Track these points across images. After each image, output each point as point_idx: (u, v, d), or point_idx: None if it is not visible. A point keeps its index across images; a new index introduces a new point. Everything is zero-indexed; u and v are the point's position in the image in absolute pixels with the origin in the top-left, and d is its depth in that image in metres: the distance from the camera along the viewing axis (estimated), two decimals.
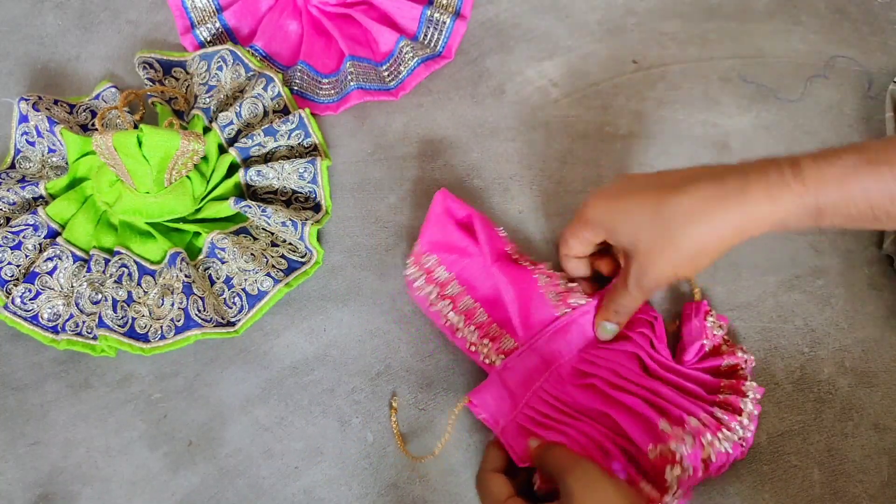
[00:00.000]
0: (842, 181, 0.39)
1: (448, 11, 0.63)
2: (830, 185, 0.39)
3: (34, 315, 0.52)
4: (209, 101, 0.58)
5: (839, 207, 0.39)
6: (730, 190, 0.40)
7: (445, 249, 0.52)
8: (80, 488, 0.49)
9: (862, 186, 0.38)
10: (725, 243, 0.41)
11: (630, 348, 0.49)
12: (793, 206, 0.39)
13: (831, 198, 0.39)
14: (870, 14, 0.66)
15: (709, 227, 0.41)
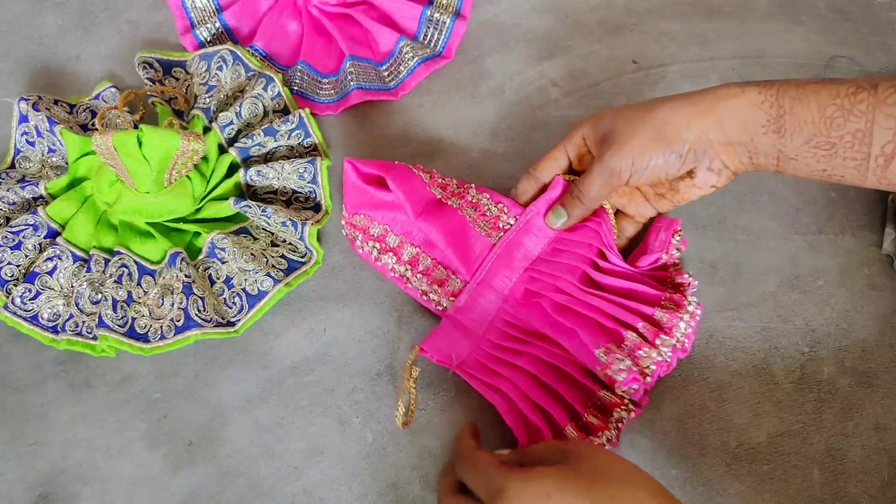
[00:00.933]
0: (802, 86, 0.43)
1: (448, 11, 0.63)
2: (791, 87, 0.43)
3: (34, 315, 0.52)
4: (209, 101, 0.58)
5: (797, 112, 0.43)
6: (704, 87, 0.46)
7: (371, 207, 0.54)
8: (80, 488, 0.49)
9: (818, 94, 0.42)
10: (695, 122, 0.45)
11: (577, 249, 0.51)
12: (756, 97, 0.44)
13: (790, 97, 0.43)
14: (870, 14, 0.66)
15: (678, 103, 0.46)
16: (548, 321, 0.49)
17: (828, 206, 0.57)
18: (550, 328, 0.49)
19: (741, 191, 0.57)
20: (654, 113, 0.46)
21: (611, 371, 0.46)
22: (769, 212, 0.56)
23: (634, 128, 0.46)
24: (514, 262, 0.52)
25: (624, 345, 0.47)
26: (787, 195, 0.57)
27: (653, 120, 0.46)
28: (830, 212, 0.57)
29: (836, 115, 0.42)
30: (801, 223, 0.56)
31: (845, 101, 0.42)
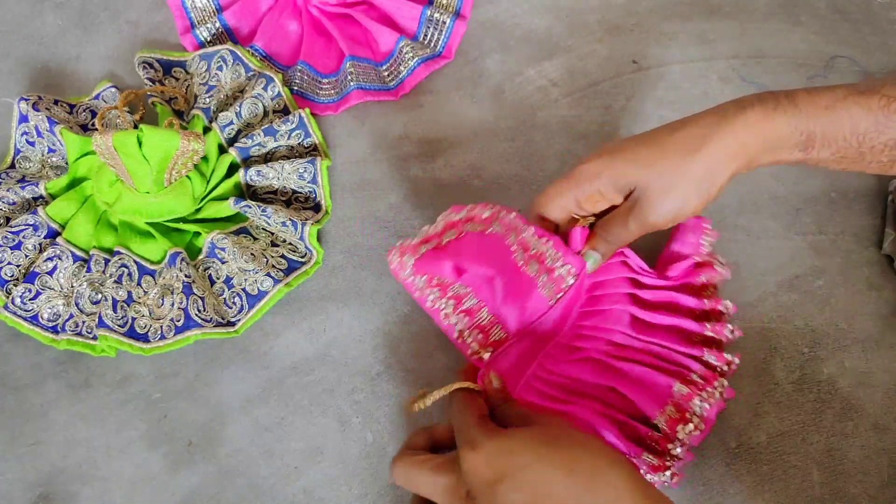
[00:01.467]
0: (832, 107, 0.40)
1: (448, 11, 0.63)
2: (821, 109, 0.40)
3: (34, 315, 0.52)
4: (209, 101, 0.58)
5: (828, 135, 0.41)
6: (728, 114, 0.42)
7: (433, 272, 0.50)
8: (80, 488, 0.49)
9: (850, 113, 0.40)
10: (729, 167, 0.42)
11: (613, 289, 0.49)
12: (786, 128, 0.41)
13: (821, 122, 0.41)
14: (870, 14, 0.66)
15: (712, 150, 0.42)
16: (598, 371, 0.47)
17: (828, 206, 0.57)
18: (603, 376, 0.47)
19: (741, 191, 0.57)
20: (692, 166, 0.42)
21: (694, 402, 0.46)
22: (769, 212, 0.56)
23: (672, 182, 0.43)
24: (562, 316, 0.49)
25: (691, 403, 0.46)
26: (787, 195, 0.57)
27: (692, 174, 0.42)
28: (830, 212, 0.57)
29: (869, 130, 0.41)
30: (801, 223, 0.56)
31: (879, 115, 0.40)
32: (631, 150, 0.43)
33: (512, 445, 0.37)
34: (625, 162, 0.43)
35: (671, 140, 0.42)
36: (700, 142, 0.42)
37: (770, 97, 0.42)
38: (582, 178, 0.45)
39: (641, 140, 0.44)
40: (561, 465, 0.36)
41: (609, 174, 0.44)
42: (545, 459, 0.36)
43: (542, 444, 0.37)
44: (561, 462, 0.36)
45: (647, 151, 0.43)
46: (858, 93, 0.40)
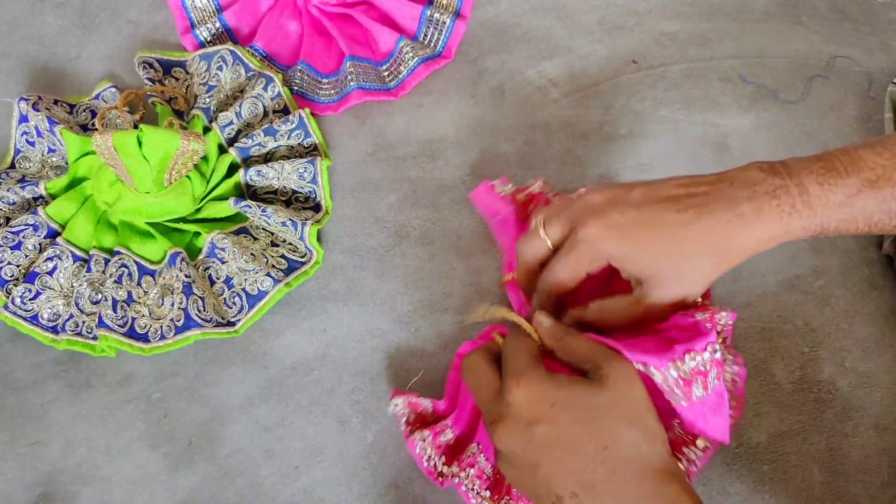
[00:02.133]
0: (845, 204, 0.39)
1: (448, 11, 0.63)
2: (835, 208, 0.39)
3: (34, 315, 0.52)
4: (209, 101, 0.58)
5: (840, 226, 0.40)
6: (746, 219, 0.39)
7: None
8: (80, 488, 0.49)
9: (864, 208, 0.39)
10: (734, 262, 0.41)
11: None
12: (800, 231, 0.40)
13: (834, 220, 0.40)
14: (870, 14, 0.66)
15: (727, 253, 0.40)
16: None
17: None
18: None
19: None
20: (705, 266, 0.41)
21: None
22: None
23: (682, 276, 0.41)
24: None
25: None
26: None
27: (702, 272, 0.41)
28: None
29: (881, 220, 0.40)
30: None
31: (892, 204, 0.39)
32: (639, 234, 0.41)
33: (558, 398, 0.37)
34: (636, 247, 0.41)
35: (686, 234, 0.40)
36: (715, 243, 0.40)
37: (785, 195, 0.39)
38: (588, 254, 0.42)
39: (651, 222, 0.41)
40: (599, 438, 0.37)
41: (620, 257, 0.41)
42: (586, 426, 0.37)
43: (588, 410, 0.37)
44: (601, 435, 0.37)
45: (659, 242, 0.40)
46: (871, 184, 0.39)
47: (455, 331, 0.53)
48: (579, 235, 0.42)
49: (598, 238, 0.41)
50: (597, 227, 0.41)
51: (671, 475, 0.36)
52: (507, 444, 0.38)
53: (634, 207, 0.41)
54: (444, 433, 0.47)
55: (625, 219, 0.41)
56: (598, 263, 0.42)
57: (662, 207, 0.41)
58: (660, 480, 0.36)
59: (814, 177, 0.40)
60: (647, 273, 0.41)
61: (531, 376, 0.38)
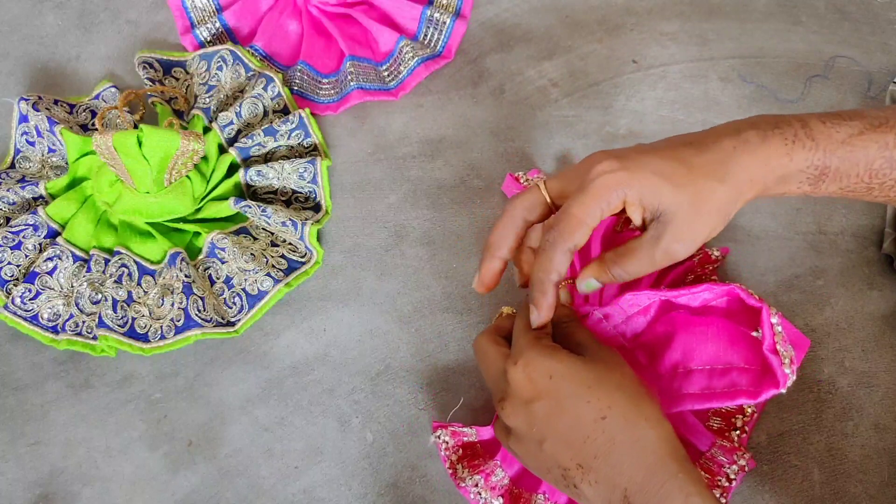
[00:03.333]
0: (847, 143, 0.39)
1: (448, 11, 0.63)
2: (837, 144, 0.39)
3: (34, 315, 0.52)
4: (209, 101, 0.58)
5: (841, 170, 0.40)
6: (751, 142, 0.39)
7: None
8: (80, 488, 0.49)
9: (866, 150, 0.39)
10: (746, 196, 0.40)
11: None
12: (803, 163, 0.39)
13: (836, 157, 0.39)
14: (870, 14, 0.66)
15: (737, 178, 0.39)
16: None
17: (828, 205, 0.57)
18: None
19: None
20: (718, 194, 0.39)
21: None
22: (769, 212, 0.56)
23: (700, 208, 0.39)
24: None
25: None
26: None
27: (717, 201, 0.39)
28: (830, 212, 0.57)
29: (883, 166, 0.40)
30: (801, 223, 0.56)
31: (895, 151, 0.39)
32: (655, 164, 0.39)
33: (556, 369, 0.38)
34: (654, 176, 0.38)
35: (698, 161, 0.39)
36: (725, 168, 0.39)
37: (787, 126, 0.40)
38: (605, 189, 0.39)
39: (662, 153, 0.40)
40: (596, 408, 0.38)
41: (638, 187, 0.39)
42: (583, 396, 0.38)
43: (585, 380, 0.38)
44: (598, 404, 0.38)
45: (674, 169, 0.39)
46: (873, 128, 0.39)
47: (455, 331, 0.53)
48: (593, 174, 0.39)
49: (613, 173, 0.39)
50: (611, 163, 0.39)
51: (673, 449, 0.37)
52: (513, 423, 0.39)
53: (642, 149, 0.41)
54: (494, 474, 0.46)
55: (639, 154, 0.40)
56: (614, 203, 0.39)
57: (672, 144, 0.41)
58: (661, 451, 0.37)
59: (817, 116, 0.40)
60: (665, 205, 0.39)
61: (529, 355, 0.39)
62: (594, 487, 0.37)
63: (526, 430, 0.39)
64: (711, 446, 0.46)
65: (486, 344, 0.43)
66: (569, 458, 0.38)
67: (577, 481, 0.38)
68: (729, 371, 0.42)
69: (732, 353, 0.42)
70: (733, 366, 0.42)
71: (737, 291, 0.41)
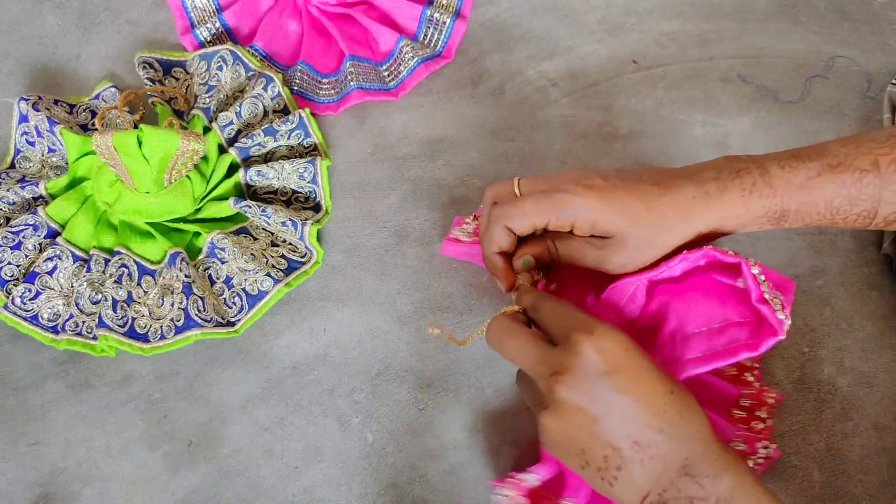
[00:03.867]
0: (805, 186, 0.41)
1: (448, 11, 0.63)
2: (795, 189, 0.41)
3: (34, 315, 0.52)
4: (209, 101, 0.58)
5: (801, 211, 0.42)
6: (711, 197, 0.42)
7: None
8: (80, 488, 0.49)
9: (823, 191, 0.41)
10: (696, 241, 0.43)
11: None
12: (761, 210, 0.42)
13: (795, 201, 0.41)
14: (870, 14, 0.66)
15: (690, 225, 0.42)
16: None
17: None
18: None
19: None
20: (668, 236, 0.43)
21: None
22: None
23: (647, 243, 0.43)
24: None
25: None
26: None
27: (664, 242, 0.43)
28: None
29: (842, 204, 0.41)
30: None
31: (852, 189, 0.41)
32: (619, 198, 0.42)
33: (629, 343, 0.39)
34: (613, 211, 0.42)
35: (658, 205, 0.42)
36: (682, 216, 0.42)
37: (747, 175, 0.42)
38: (565, 207, 0.42)
39: (629, 188, 0.43)
40: (666, 382, 0.39)
41: (595, 217, 0.42)
42: (653, 372, 0.39)
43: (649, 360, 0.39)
44: (667, 379, 0.39)
45: (636, 206, 0.42)
46: (831, 169, 0.41)
47: (455, 331, 0.53)
48: (561, 187, 0.43)
49: (577, 194, 0.42)
50: (578, 186, 0.43)
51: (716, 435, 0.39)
52: (570, 397, 0.38)
53: (614, 176, 0.44)
54: None
55: (605, 182, 0.43)
56: (563, 220, 0.43)
57: (639, 179, 0.43)
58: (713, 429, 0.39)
59: (776, 161, 0.42)
60: (616, 230, 0.42)
61: (602, 328, 0.39)
62: (645, 466, 0.37)
63: (584, 405, 0.38)
64: (732, 438, 0.47)
65: (510, 325, 0.42)
66: (625, 436, 0.37)
67: (624, 462, 0.37)
68: (726, 328, 0.43)
69: (725, 308, 0.43)
70: (730, 321, 0.43)
71: (712, 253, 0.43)
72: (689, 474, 0.37)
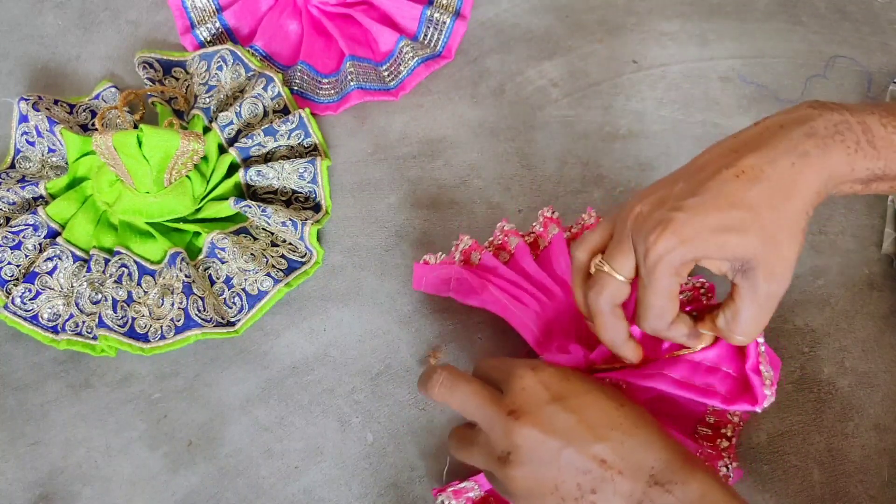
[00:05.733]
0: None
1: (448, 11, 0.63)
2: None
3: (34, 315, 0.52)
4: (209, 101, 0.58)
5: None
6: (812, 157, 0.36)
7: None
8: (80, 488, 0.49)
9: None
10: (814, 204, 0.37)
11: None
12: (864, 173, 0.36)
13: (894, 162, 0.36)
14: (870, 14, 0.66)
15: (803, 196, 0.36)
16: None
17: (828, 205, 0.57)
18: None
19: None
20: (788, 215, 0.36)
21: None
22: None
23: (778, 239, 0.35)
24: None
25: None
26: None
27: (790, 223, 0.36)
28: (830, 212, 0.57)
29: None
30: None
31: None
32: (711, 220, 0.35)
33: (566, 371, 0.40)
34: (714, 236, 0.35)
35: (755, 197, 0.35)
36: (788, 193, 0.35)
37: (848, 132, 0.36)
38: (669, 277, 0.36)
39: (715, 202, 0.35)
40: (613, 399, 0.39)
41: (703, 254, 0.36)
42: (599, 391, 0.39)
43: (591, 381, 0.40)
44: (613, 395, 0.40)
45: (733, 219, 0.35)
46: None
47: (455, 331, 0.53)
48: (650, 257, 0.36)
49: (672, 250, 0.35)
50: (666, 240, 0.35)
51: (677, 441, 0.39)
52: (529, 434, 0.37)
53: (691, 195, 0.36)
54: None
55: (687, 214, 0.35)
56: (684, 272, 0.37)
57: (719, 180, 0.36)
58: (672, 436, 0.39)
59: (876, 117, 0.37)
60: (740, 255, 0.35)
61: (535, 362, 0.40)
62: (617, 483, 0.36)
63: (545, 435, 0.37)
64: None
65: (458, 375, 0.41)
66: (591, 456, 0.37)
67: (597, 483, 0.37)
68: (714, 371, 0.42)
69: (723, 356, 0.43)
70: (720, 368, 0.42)
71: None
72: (658, 483, 0.37)
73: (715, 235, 0.35)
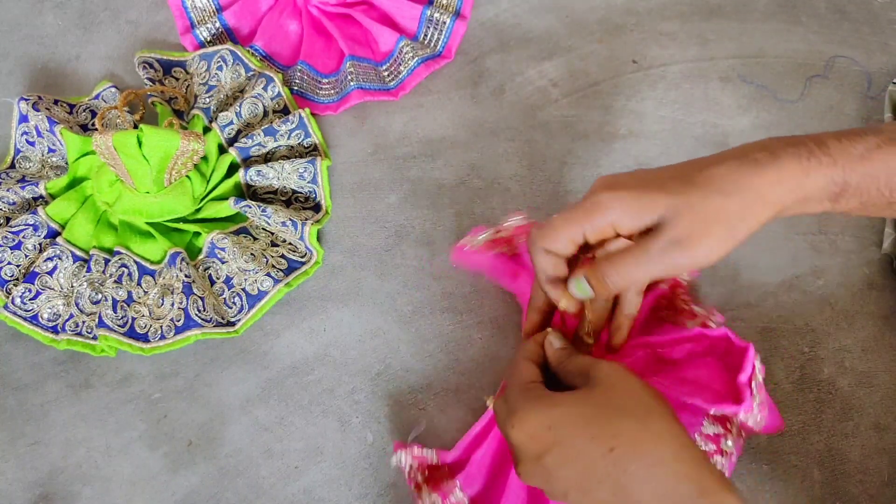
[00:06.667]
0: (866, 157, 0.38)
1: (448, 11, 0.63)
2: (855, 160, 0.38)
3: (34, 315, 0.52)
4: (209, 101, 0.58)
5: (861, 186, 0.38)
6: (760, 161, 0.37)
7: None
8: (80, 488, 0.49)
9: (885, 164, 0.38)
10: (762, 214, 0.38)
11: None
12: (822, 181, 0.38)
13: (856, 175, 0.38)
14: (870, 14, 0.66)
15: (746, 194, 0.37)
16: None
17: None
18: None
19: None
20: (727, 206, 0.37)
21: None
22: None
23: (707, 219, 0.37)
24: None
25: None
26: None
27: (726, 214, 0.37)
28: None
29: None
30: (801, 223, 0.56)
31: None
32: (654, 181, 0.38)
33: (552, 417, 0.37)
34: (650, 191, 0.38)
35: (701, 176, 0.38)
36: (733, 184, 0.37)
37: (801, 144, 0.38)
38: (596, 209, 0.39)
39: (662, 172, 0.39)
40: (602, 441, 0.36)
41: (631, 205, 0.38)
42: (586, 433, 0.36)
43: (584, 416, 0.37)
44: (603, 436, 0.36)
45: (676, 183, 0.38)
46: (892, 141, 0.38)
47: (455, 331, 0.53)
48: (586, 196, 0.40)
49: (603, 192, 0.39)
50: (603, 188, 0.39)
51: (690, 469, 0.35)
52: (534, 483, 0.39)
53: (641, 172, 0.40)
54: (453, 493, 0.46)
55: (632, 177, 0.39)
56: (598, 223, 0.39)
57: (674, 165, 0.40)
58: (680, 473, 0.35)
59: (832, 135, 0.38)
60: (660, 214, 0.38)
61: (521, 412, 0.38)
62: None
63: (548, 487, 0.38)
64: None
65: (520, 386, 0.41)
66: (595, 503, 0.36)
67: None
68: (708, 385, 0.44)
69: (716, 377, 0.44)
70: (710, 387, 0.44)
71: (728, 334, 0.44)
72: None
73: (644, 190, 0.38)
